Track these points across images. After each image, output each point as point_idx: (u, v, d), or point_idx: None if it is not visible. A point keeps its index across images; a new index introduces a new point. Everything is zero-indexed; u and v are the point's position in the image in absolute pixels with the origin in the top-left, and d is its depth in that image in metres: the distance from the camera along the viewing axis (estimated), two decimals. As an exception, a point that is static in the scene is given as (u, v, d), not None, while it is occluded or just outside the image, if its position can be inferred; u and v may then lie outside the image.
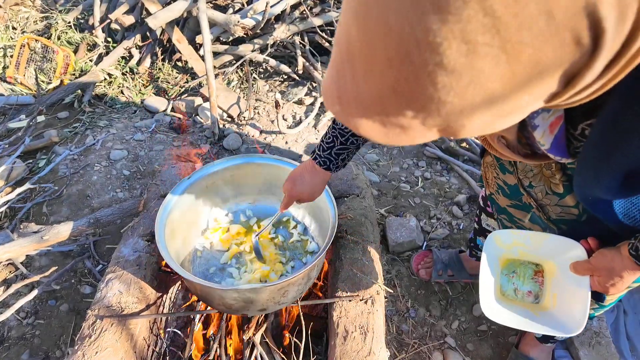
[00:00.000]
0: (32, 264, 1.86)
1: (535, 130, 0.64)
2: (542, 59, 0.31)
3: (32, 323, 1.69)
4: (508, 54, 0.30)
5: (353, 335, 1.22)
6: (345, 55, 0.37)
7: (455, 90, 0.33)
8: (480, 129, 0.38)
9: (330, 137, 1.08)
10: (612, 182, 0.61)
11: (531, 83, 0.33)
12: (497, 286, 1.07)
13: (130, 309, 1.28)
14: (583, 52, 0.32)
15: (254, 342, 1.27)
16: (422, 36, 0.30)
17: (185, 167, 1.77)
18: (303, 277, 1.20)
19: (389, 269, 1.88)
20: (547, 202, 0.98)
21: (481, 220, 1.50)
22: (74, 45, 3.09)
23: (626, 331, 1.66)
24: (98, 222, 1.67)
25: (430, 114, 0.35)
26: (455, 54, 0.30)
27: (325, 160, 1.11)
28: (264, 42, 2.93)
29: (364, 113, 0.38)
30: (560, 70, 0.33)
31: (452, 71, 0.31)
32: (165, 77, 2.97)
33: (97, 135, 2.49)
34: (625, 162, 0.55)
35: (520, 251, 1.06)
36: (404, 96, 0.34)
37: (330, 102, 0.42)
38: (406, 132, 0.38)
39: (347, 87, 0.38)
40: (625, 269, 0.83)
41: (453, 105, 0.34)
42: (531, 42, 0.30)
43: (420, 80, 0.33)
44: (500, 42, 0.30)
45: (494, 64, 0.31)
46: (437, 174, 2.38)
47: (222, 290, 1.14)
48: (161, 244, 1.19)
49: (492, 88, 0.33)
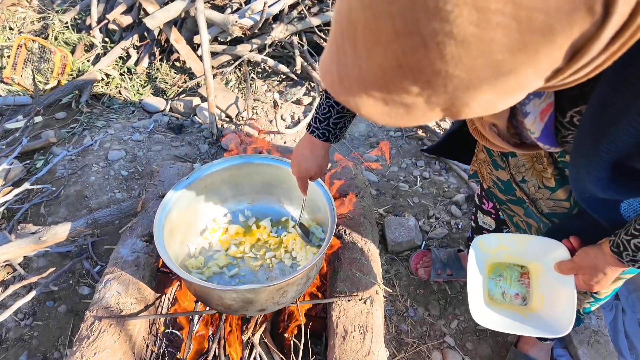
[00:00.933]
0: (30, 265, 1.86)
1: (526, 118, 0.65)
2: (553, 27, 0.30)
3: (30, 324, 1.68)
4: (520, 22, 0.29)
5: (352, 335, 1.22)
6: (347, 30, 0.36)
7: (464, 62, 0.32)
8: (482, 108, 0.37)
9: (326, 107, 1.06)
10: (602, 172, 0.61)
11: (539, 55, 0.32)
12: (485, 291, 1.08)
13: (129, 309, 1.28)
14: (594, 21, 0.31)
15: (253, 342, 1.27)
16: (432, 3, 0.29)
17: (184, 167, 1.76)
18: (302, 277, 1.20)
19: (388, 269, 1.88)
20: (540, 197, 1.00)
21: (477, 219, 1.50)
22: (72, 46, 3.08)
23: (625, 330, 1.67)
24: (96, 222, 1.66)
25: (435, 91, 0.34)
26: (466, 23, 0.29)
27: (324, 131, 1.09)
28: (262, 42, 2.93)
29: (365, 91, 0.37)
30: (569, 40, 0.32)
31: (462, 41, 0.30)
32: (163, 77, 2.97)
33: (95, 136, 2.48)
34: (613, 149, 0.55)
35: (505, 254, 1.07)
36: (410, 70, 0.33)
37: (329, 80, 0.41)
38: (409, 111, 0.37)
39: (347, 63, 0.37)
40: (608, 265, 0.84)
41: (460, 79, 0.33)
42: (544, 7, 0.29)
43: (429, 52, 0.32)
44: (513, 8, 0.29)
45: (505, 34, 0.30)
46: (436, 173, 2.38)
47: (220, 290, 1.14)
48: (160, 245, 1.19)
49: (500, 60, 0.32)
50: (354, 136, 2.64)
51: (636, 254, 0.77)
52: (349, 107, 0.41)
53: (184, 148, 2.46)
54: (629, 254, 0.79)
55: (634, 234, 0.76)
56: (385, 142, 2.56)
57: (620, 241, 0.79)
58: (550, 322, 0.97)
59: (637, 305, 1.73)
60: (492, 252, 1.07)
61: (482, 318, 0.98)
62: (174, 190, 1.35)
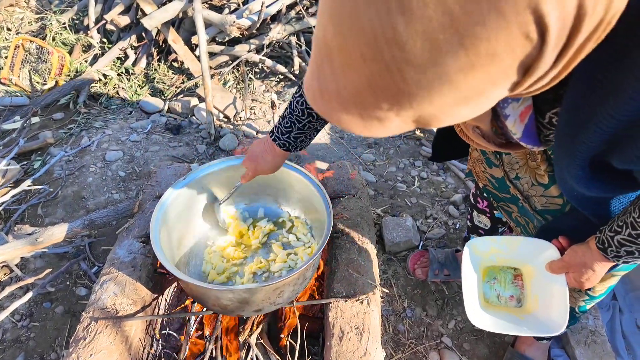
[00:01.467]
0: (26, 266, 1.85)
1: (507, 120, 0.67)
2: (497, 51, 0.34)
3: (27, 325, 1.68)
4: (466, 48, 0.33)
5: (349, 336, 1.21)
6: (324, 53, 0.40)
7: (423, 83, 0.36)
8: (450, 118, 0.41)
9: (288, 122, 1.10)
10: (580, 171, 0.64)
11: (491, 73, 0.36)
12: (480, 294, 1.09)
13: (125, 310, 1.28)
14: (533, 45, 0.34)
15: (250, 343, 1.27)
16: (390, 35, 0.33)
17: (181, 167, 1.76)
18: (298, 277, 1.19)
19: (386, 269, 1.88)
20: (533, 193, 1.01)
21: (473, 218, 1.51)
22: (69, 46, 3.08)
23: (622, 330, 1.67)
24: (93, 223, 1.66)
25: (403, 107, 0.38)
26: (419, 51, 0.34)
27: (285, 142, 1.14)
28: (260, 43, 2.93)
29: (343, 107, 0.41)
30: (515, 61, 0.35)
31: (419, 66, 0.34)
32: (161, 77, 2.97)
33: (92, 137, 2.48)
34: (586, 149, 0.58)
35: (497, 257, 1.09)
36: (379, 90, 0.37)
37: (312, 97, 0.45)
38: (383, 123, 0.41)
39: (327, 82, 0.41)
40: (595, 262, 0.87)
41: (422, 97, 0.37)
42: (486, 36, 0.33)
43: (392, 75, 0.36)
44: (459, 38, 0.33)
45: (455, 58, 0.34)
46: (434, 173, 2.38)
47: (217, 290, 1.14)
48: (156, 246, 1.19)
49: (456, 80, 0.35)
50: (351, 136, 2.64)
51: (619, 249, 0.79)
52: (330, 120, 0.45)
53: (182, 149, 2.46)
54: (612, 250, 0.81)
55: (617, 230, 0.78)
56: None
57: (605, 238, 0.81)
58: (545, 322, 0.99)
59: (635, 305, 1.73)
60: (485, 256, 1.09)
61: (478, 320, 1.00)
62: (171, 191, 1.34)
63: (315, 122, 1.08)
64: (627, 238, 0.76)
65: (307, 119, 1.07)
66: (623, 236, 0.77)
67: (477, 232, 1.52)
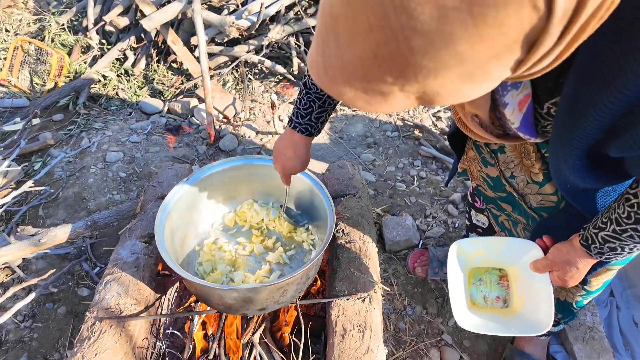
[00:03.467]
0: (29, 267, 1.86)
1: (505, 108, 0.68)
2: (504, 21, 0.34)
3: (30, 326, 1.69)
4: (474, 17, 0.33)
5: (351, 334, 1.23)
6: (330, 25, 0.40)
7: (430, 53, 0.36)
8: (453, 96, 0.41)
9: (307, 103, 1.08)
10: (577, 160, 0.65)
11: (497, 46, 0.36)
12: (467, 296, 1.10)
13: (129, 310, 1.29)
14: (540, 16, 0.35)
15: (253, 341, 1.28)
16: (398, 1, 0.34)
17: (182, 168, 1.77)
18: (302, 276, 1.21)
19: (386, 268, 1.90)
20: (528, 192, 1.03)
21: (471, 217, 1.52)
22: (68, 48, 3.08)
23: (619, 326, 1.69)
24: (95, 224, 1.67)
25: (408, 80, 0.38)
26: (428, 19, 0.34)
27: (307, 126, 1.11)
28: (259, 43, 2.94)
29: (347, 80, 0.41)
30: (521, 33, 0.36)
31: (426, 35, 0.35)
32: (161, 78, 2.97)
33: (92, 138, 2.49)
34: (584, 138, 0.58)
35: (482, 259, 1.10)
36: (384, 61, 0.37)
37: (316, 72, 0.45)
38: (386, 98, 0.41)
39: (331, 55, 0.41)
40: (579, 259, 0.88)
41: (428, 69, 0.37)
42: (494, 4, 0.33)
43: (398, 44, 0.36)
44: (467, 5, 0.33)
45: (463, 28, 0.34)
46: (433, 172, 2.40)
47: (221, 290, 1.15)
48: (161, 246, 1.20)
49: (462, 51, 0.36)
50: (351, 136, 2.66)
51: (603, 246, 0.80)
52: (333, 95, 0.45)
53: (182, 149, 2.47)
54: (596, 246, 0.82)
55: (601, 227, 0.79)
56: None
57: (589, 234, 0.82)
58: (531, 321, 1.00)
59: (632, 301, 1.75)
60: (470, 257, 1.09)
61: (466, 322, 1.01)
62: (174, 191, 1.35)
63: None
64: (611, 234, 0.77)
65: (326, 93, 1.04)
66: (607, 232, 0.78)
67: (476, 231, 1.54)
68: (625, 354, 1.62)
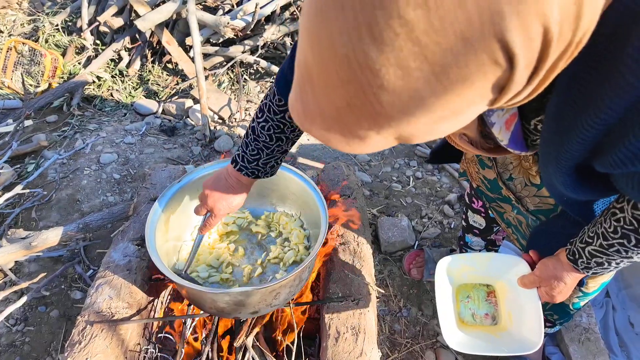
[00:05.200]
0: (21, 270, 1.84)
1: (493, 127, 0.68)
2: (468, 76, 0.35)
3: (22, 330, 1.67)
4: (437, 74, 0.34)
5: (345, 337, 1.22)
6: (305, 75, 0.41)
7: (399, 106, 0.37)
8: (430, 135, 0.42)
9: (255, 150, 1.03)
10: (566, 178, 0.65)
11: (465, 95, 0.37)
12: (456, 314, 1.08)
13: (121, 314, 1.27)
14: (503, 69, 0.36)
15: (246, 345, 1.27)
16: (364, 61, 0.35)
17: (176, 169, 1.76)
18: (294, 278, 1.20)
19: (381, 269, 1.89)
20: (526, 194, 1.02)
21: (468, 217, 1.51)
22: (62, 48, 3.06)
23: (615, 327, 1.68)
24: (88, 227, 1.66)
25: (382, 126, 0.40)
26: (393, 78, 0.35)
27: (254, 170, 1.07)
28: (254, 43, 2.93)
29: (326, 126, 0.43)
30: (487, 82, 0.36)
31: (393, 91, 0.36)
32: (155, 79, 2.96)
33: (86, 139, 2.47)
34: (570, 157, 0.58)
35: (469, 275, 1.08)
36: (358, 111, 0.39)
37: (297, 116, 0.46)
38: (365, 141, 0.43)
39: (309, 102, 0.43)
40: (566, 274, 0.87)
41: (399, 119, 0.38)
42: (455, 62, 0.34)
43: (368, 98, 0.37)
44: (429, 65, 0.34)
45: (428, 84, 0.35)
46: (429, 173, 2.39)
47: (213, 293, 1.14)
48: (151, 249, 1.19)
49: (430, 103, 0.37)
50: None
51: (590, 261, 0.80)
52: (315, 137, 0.46)
53: (177, 150, 2.46)
54: (583, 261, 0.81)
55: (587, 242, 0.78)
56: None
57: (576, 249, 0.82)
58: (520, 339, 0.98)
59: (628, 302, 1.75)
60: (457, 274, 1.08)
61: (455, 343, 0.99)
62: (166, 193, 1.34)
63: (284, 144, 1.02)
64: (598, 249, 0.76)
65: (275, 143, 1.01)
66: (594, 247, 0.77)
67: (472, 232, 1.53)
68: (621, 355, 1.61)
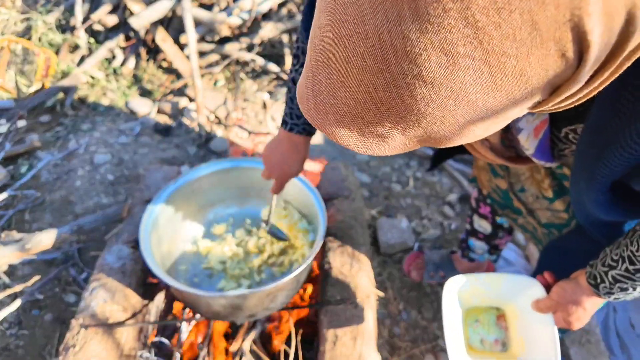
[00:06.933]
0: (14, 273, 1.81)
1: (520, 134, 0.63)
2: (526, 71, 0.29)
3: (16, 333, 1.65)
4: (491, 66, 0.29)
5: (343, 340, 1.20)
6: (321, 59, 0.35)
7: (435, 102, 0.31)
8: (462, 139, 0.37)
9: None
10: (600, 195, 0.60)
11: (514, 94, 0.31)
12: (465, 339, 1.01)
13: (116, 317, 1.25)
14: (568, 65, 0.30)
15: (243, 349, 1.25)
16: (400, 45, 0.29)
17: (170, 170, 1.73)
18: (291, 281, 1.18)
19: (381, 271, 1.87)
20: (537, 207, 0.97)
21: (473, 221, 1.49)
22: (56, 47, 3.02)
23: (616, 329, 1.67)
24: (81, 229, 1.63)
25: (410, 125, 0.34)
26: (434, 66, 0.29)
27: (305, 126, 1.01)
28: (251, 41, 2.90)
29: (341, 121, 0.36)
30: (544, 81, 0.31)
31: (432, 83, 0.30)
32: (150, 78, 2.92)
33: (80, 140, 2.43)
34: (608, 173, 0.54)
35: (479, 297, 1.02)
36: (383, 105, 0.33)
37: (306, 107, 0.39)
38: (385, 141, 0.37)
39: (323, 92, 0.36)
40: (586, 298, 0.81)
41: (433, 117, 0.32)
42: (515, 53, 0.28)
43: (399, 91, 0.31)
44: (483, 53, 0.28)
45: (476, 76, 0.29)
46: (428, 173, 2.37)
47: (209, 297, 1.12)
48: (146, 252, 1.17)
49: (473, 100, 0.31)
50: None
51: (613, 286, 0.74)
52: (326, 134, 0.40)
53: (172, 151, 2.43)
54: (605, 286, 0.75)
55: (611, 265, 0.72)
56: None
57: (597, 273, 0.76)
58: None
59: (628, 304, 1.73)
60: (466, 297, 1.02)
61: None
62: (161, 195, 1.32)
63: None
64: (624, 273, 0.70)
65: None
66: (619, 271, 0.71)
67: (476, 236, 1.51)
68: (621, 356, 1.60)
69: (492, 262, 1.72)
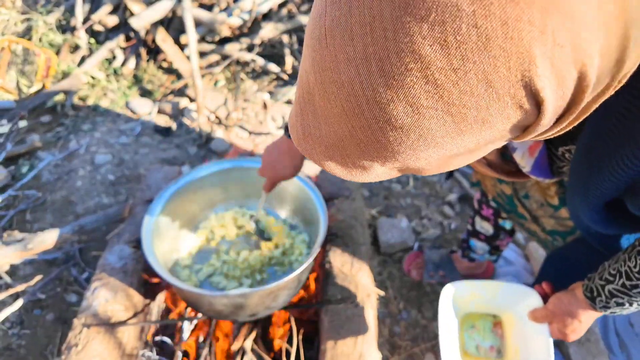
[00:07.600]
0: (16, 273, 1.82)
1: (514, 152, 0.64)
2: (488, 119, 0.31)
3: (18, 333, 1.65)
4: (453, 115, 0.31)
5: (343, 339, 1.21)
6: (307, 97, 0.38)
7: (406, 143, 0.34)
8: (441, 169, 0.39)
9: None
10: (594, 214, 0.60)
11: (482, 136, 0.33)
12: (460, 345, 1.03)
13: (118, 317, 1.26)
14: (528, 114, 0.32)
15: (245, 348, 1.26)
16: (371, 95, 0.32)
17: (171, 170, 1.74)
18: (293, 281, 1.18)
19: (381, 271, 1.87)
20: (542, 214, 0.97)
21: (475, 223, 1.49)
22: (56, 48, 3.03)
23: (615, 328, 1.68)
24: (83, 229, 1.64)
25: (387, 160, 0.37)
26: (401, 115, 0.32)
27: None
28: (251, 41, 2.90)
29: (327, 152, 0.40)
30: (509, 124, 0.33)
31: (401, 128, 0.33)
32: (151, 78, 2.93)
33: (81, 140, 2.44)
34: (599, 194, 0.55)
35: (476, 304, 1.03)
36: (362, 143, 0.36)
37: (296, 137, 0.43)
38: (368, 172, 0.40)
39: (310, 125, 0.39)
40: (582, 311, 0.82)
41: (407, 154, 0.35)
42: (474, 105, 0.30)
43: (373, 132, 0.34)
44: (444, 105, 0.30)
45: (441, 124, 0.32)
46: (427, 173, 2.38)
47: (211, 296, 1.13)
48: (148, 251, 1.17)
49: (442, 142, 0.33)
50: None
51: (609, 300, 0.74)
52: (314, 162, 0.43)
53: (172, 151, 2.43)
54: (602, 300, 0.76)
55: (608, 279, 0.73)
56: None
57: (594, 286, 0.76)
58: None
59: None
60: (464, 302, 1.03)
61: None
62: (162, 195, 1.33)
63: None
64: (620, 289, 0.71)
65: None
66: (615, 286, 0.71)
67: (478, 237, 1.51)
68: (621, 355, 1.61)
69: (492, 262, 1.72)
